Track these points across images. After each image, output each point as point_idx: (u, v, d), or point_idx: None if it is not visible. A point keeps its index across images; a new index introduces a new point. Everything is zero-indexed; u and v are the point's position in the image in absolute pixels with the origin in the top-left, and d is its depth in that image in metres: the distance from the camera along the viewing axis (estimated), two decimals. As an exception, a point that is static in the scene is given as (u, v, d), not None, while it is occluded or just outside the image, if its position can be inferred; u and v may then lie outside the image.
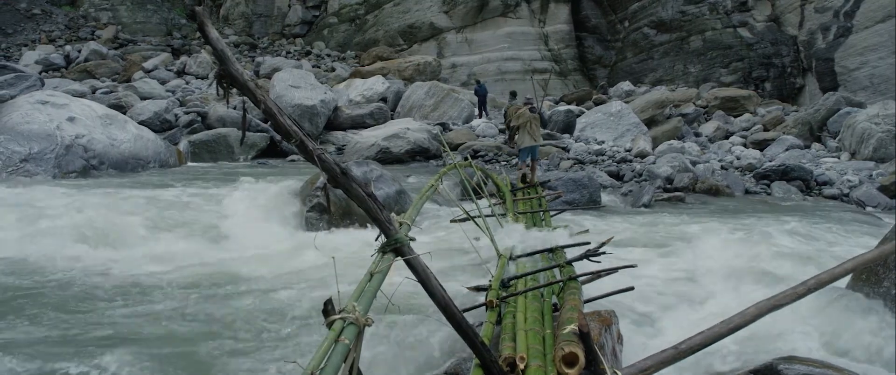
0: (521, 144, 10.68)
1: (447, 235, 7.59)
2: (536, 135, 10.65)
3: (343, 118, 18.17)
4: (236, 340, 4.55)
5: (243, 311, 5.13)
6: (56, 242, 6.63)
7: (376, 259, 2.82)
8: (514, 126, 11.00)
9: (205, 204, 8.81)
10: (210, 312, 5.09)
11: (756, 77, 26.06)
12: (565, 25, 30.87)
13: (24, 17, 30.57)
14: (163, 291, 5.56)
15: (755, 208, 11.02)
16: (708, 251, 7.32)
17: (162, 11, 32.90)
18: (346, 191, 2.79)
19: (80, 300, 5.24)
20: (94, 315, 4.91)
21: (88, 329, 4.60)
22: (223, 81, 2.70)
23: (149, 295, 5.46)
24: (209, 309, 5.16)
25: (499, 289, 4.54)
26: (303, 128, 2.75)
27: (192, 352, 4.33)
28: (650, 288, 5.96)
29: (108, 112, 13.14)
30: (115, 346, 4.26)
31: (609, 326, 3.93)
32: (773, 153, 15.98)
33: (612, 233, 7.34)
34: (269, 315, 5.07)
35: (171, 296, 5.43)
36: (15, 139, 10.75)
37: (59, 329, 4.57)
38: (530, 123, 10.50)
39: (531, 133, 10.52)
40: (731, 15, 27.17)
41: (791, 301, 3.30)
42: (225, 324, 4.81)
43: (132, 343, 4.37)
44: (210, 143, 15.21)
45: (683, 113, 20.47)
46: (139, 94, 18.62)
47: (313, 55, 30.91)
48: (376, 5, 31.89)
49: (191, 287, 5.73)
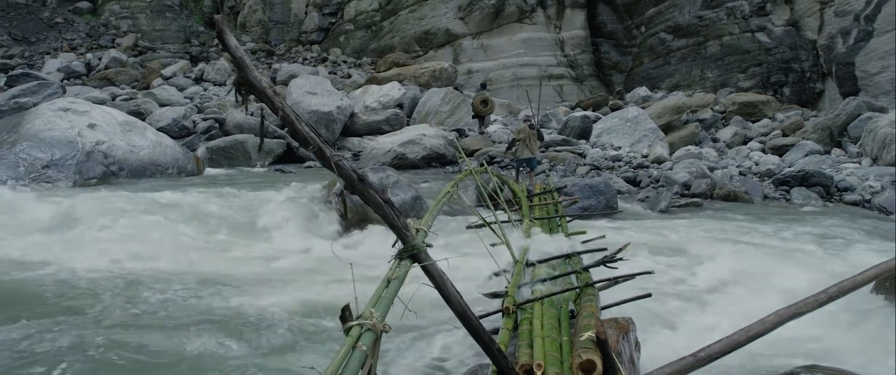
0: (519, 155, 11.86)
1: (463, 241, 7.58)
2: (533, 148, 11.85)
3: (359, 124, 18.24)
4: (252, 346, 4.58)
5: (259, 317, 5.16)
6: (93, 249, 6.78)
7: (393, 265, 2.82)
8: (514, 140, 12.15)
9: (226, 209, 8.88)
10: (222, 318, 5.12)
11: (774, 82, 25.81)
12: (581, 31, 30.80)
13: (47, 26, 31.05)
14: (176, 296, 5.61)
15: (774, 214, 10.89)
16: (727, 257, 7.25)
17: (180, 19, 33.28)
18: (363, 198, 2.80)
19: (100, 301, 5.30)
20: (106, 319, 4.96)
21: (102, 333, 4.64)
22: (242, 88, 2.73)
23: (164, 301, 5.50)
24: (221, 314, 5.19)
25: (515, 295, 4.53)
26: (320, 135, 2.76)
27: (204, 357, 4.35)
28: (668, 294, 5.91)
29: (128, 119, 13.29)
30: (125, 350, 4.30)
31: (627, 333, 3.90)
32: (792, 158, 15.80)
33: (628, 240, 7.28)
34: (287, 321, 5.09)
35: (184, 301, 5.47)
36: (37, 146, 10.90)
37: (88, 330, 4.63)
38: (529, 138, 11.72)
39: (529, 146, 11.72)
40: (749, 19, 26.93)
41: (812, 309, 3.26)
42: (238, 330, 4.84)
43: (143, 349, 4.40)
44: (227, 150, 15.32)
45: (701, 118, 20.32)
46: (158, 101, 18.82)
47: (330, 61, 31.08)
48: (392, 12, 32.03)
49: (203, 291, 5.77)
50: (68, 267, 6.28)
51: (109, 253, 6.73)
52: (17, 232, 7.32)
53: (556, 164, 15.20)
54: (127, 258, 6.64)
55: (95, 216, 7.96)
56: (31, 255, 6.64)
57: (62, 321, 4.84)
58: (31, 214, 8.03)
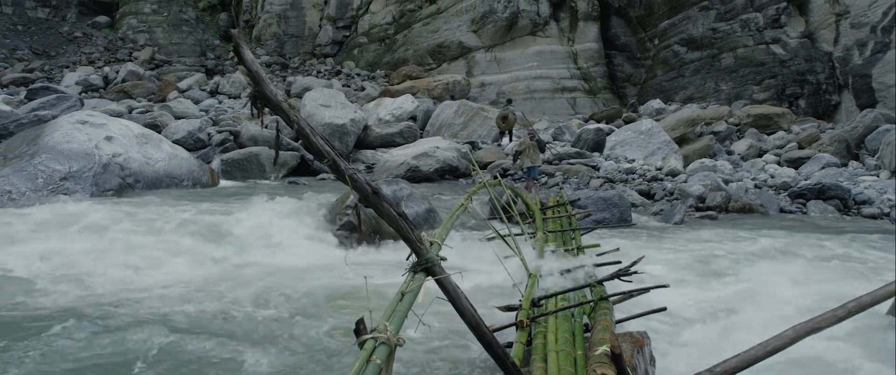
0: (523, 165, 13.61)
1: (477, 254, 7.57)
2: (534, 157, 13.41)
3: (373, 137, 18.32)
4: (267, 360, 4.58)
5: (274, 330, 5.17)
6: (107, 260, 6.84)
7: (407, 278, 2.83)
8: (517, 151, 13.84)
9: (238, 221, 8.91)
10: (237, 330, 5.13)
11: (790, 94, 25.64)
12: (594, 43, 30.80)
13: (67, 40, 31.54)
14: (190, 308, 5.63)
15: (791, 227, 10.78)
16: (743, 271, 7.18)
17: (196, 33, 33.68)
18: (377, 211, 2.81)
19: (114, 318, 5.34)
20: (120, 335, 4.99)
21: (126, 346, 4.67)
22: (257, 102, 2.76)
23: (168, 313, 5.53)
24: (236, 327, 5.21)
25: (529, 309, 4.51)
26: (335, 148, 2.78)
27: (219, 371, 4.36)
28: (684, 308, 5.86)
29: (144, 131, 13.42)
30: (142, 361, 4.32)
31: (641, 347, 3.87)
32: (808, 171, 15.66)
33: (643, 253, 7.23)
34: (300, 334, 5.10)
35: (190, 314, 5.49)
36: (56, 158, 11.03)
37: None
38: (529, 149, 13.36)
39: (530, 156, 13.36)
40: (764, 32, 26.81)
41: (830, 324, 3.22)
42: (250, 345, 4.84)
43: (159, 360, 4.42)
44: (242, 162, 15.43)
45: (715, 131, 20.20)
46: (174, 114, 19.01)
47: (343, 74, 31.29)
48: (406, 25, 32.22)
49: (211, 303, 5.79)
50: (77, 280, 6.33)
51: (124, 262, 6.79)
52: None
53: (570, 177, 15.16)
54: (136, 266, 6.69)
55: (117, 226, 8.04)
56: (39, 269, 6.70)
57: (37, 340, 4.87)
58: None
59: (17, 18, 31.67)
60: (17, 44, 30.18)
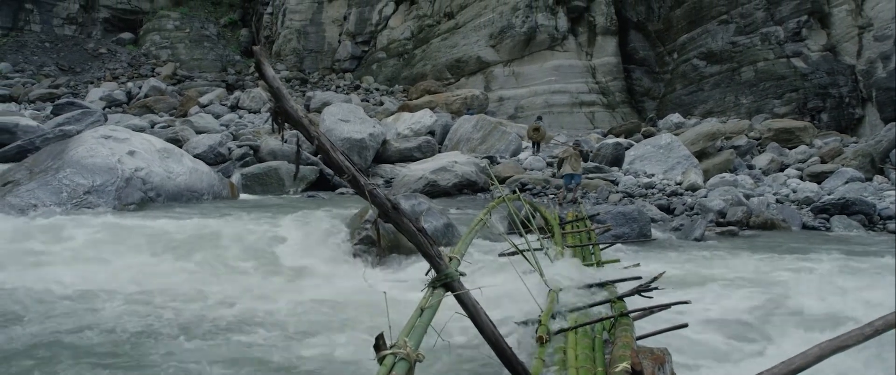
0: (563, 172, 14.29)
1: (496, 269, 7.54)
2: (576, 166, 14.14)
3: (391, 151, 18.39)
4: (286, 372, 4.59)
5: (291, 345, 5.18)
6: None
7: (427, 293, 2.82)
8: (561, 158, 14.67)
9: (260, 236, 8.97)
10: (252, 343, 5.15)
11: (812, 108, 25.38)
12: (613, 58, 30.77)
13: (92, 57, 32.16)
14: (200, 324, 5.66)
15: (814, 243, 10.62)
16: (765, 287, 7.08)
17: (217, 48, 34.17)
18: (396, 226, 2.82)
19: (131, 334, 5.38)
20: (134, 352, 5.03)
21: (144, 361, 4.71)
22: (278, 117, 2.78)
23: (183, 327, 5.56)
24: (250, 345, 5.22)
25: (548, 325, 4.48)
26: (354, 164, 2.80)
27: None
28: (705, 325, 5.79)
29: (166, 146, 13.59)
30: None
31: (662, 364, 3.82)
32: (831, 186, 15.44)
33: (663, 268, 7.15)
34: (319, 348, 5.10)
35: (209, 330, 5.51)
36: (80, 172, 11.20)
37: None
38: (572, 157, 14.14)
39: (572, 165, 14.08)
40: (784, 45, 26.62)
41: (857, 342, 3.15)
42: (270, 356, 4.85)
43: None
44: (261, 176, 15.55)
45: (735, 145, 20.03)
46: (195, 128, 19.25)
47: (362, 89, 31.53)
48: (424, 40, 32.43)
49: (225, 318, 5.81)
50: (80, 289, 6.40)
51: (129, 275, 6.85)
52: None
53: (589, 192, 15.09)
54: (145, 280, 6.75)
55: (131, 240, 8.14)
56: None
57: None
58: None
59: (45, 36, 32.37)
60: (44, 61, 30.82)
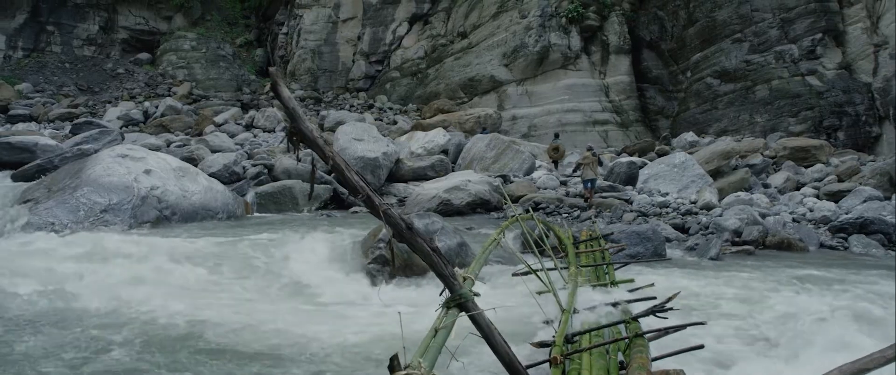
0: (584, 176, 15.90)
1: (510, 289, 7.51)
2: (595, 170, 15.88)
3: (405, 170, 18.43)
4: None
5: (304, 365, 5.17)
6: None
7: (441, 314, 2.81)
8: (579, 163, 16.48)
9: (270, 255, 9.00)
10: (266, 362, 5.14)
11: (827, 126, 25.17)
12: (626, 77, 30.75)
13: (110, 77, 32.65)
14: (217, 344, 5.66)
15: (832, 263, 10.48)
16: (782, 308, 6.99)
17: (233, 68, 34.55)
18: (410, 246, 2.82)
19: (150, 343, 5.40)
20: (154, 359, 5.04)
21: None
22: (293, 137, 2.81)
23: (198, 348, 5.57)
24: (265, 360, 5.22)
25: (563, 345, 4.44)
26: (369, 183, 2.81)
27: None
28: (721, 346, 5.71)
29: (182, 164, 13.72)
30: None
31: (679, 387, 3.77)
32: (849, 205, 15.25)
33: (678, 288, 7.09)
34: (332, 369, 5.09)
35: (224, 350, 5.52)
36: (97, 191, 11.32)
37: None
38: (591, 163, 15.84)
39: (592, 169, 15.78)
40: (799, 63, 26.49)
41: (878, 365, 3.10)
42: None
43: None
44: (276, 195, 15.63)
45: (750, 164, 19.88)
46: (210, 147, 19.41)
47: (376, 108, 31.70)
48: (437, 59, 32.63)
49: (241, 338, 5.81)
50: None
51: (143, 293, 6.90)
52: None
53: (603, 211, 15.02)
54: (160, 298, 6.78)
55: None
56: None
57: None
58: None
59: (65, 56, 32.93)
60: (64, 81, 31.32)
